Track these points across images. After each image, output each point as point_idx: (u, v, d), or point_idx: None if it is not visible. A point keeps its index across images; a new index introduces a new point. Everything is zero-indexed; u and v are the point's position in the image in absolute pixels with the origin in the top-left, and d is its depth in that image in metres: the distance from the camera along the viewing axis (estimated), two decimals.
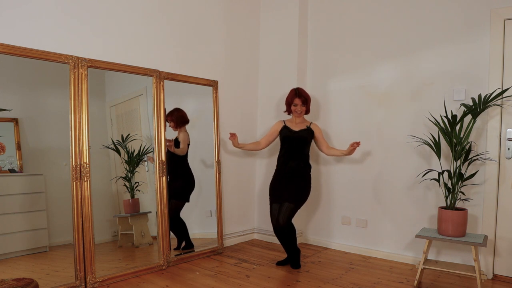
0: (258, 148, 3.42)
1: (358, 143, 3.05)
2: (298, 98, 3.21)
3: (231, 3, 3.83)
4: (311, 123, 3.30)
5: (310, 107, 3.36)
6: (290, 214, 3.10)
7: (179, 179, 3.39)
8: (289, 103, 3.26)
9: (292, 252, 3.17)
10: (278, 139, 3.35)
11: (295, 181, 3.12)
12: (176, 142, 3.31)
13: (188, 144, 3.38)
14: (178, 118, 3.33)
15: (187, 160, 3.40)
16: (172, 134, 3.32)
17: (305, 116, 3.40)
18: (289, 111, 3.29)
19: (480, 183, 2.98)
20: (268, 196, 3.25)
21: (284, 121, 3.32)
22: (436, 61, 3.19)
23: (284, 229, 3.09)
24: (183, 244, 3.37)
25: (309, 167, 3.23)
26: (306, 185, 3.19)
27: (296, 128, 3.24)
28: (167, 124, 3.25)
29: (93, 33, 2.82)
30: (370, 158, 3.55)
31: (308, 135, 3.22)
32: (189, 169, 3.42)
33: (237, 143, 3.31)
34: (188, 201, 3.41)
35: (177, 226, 3.35)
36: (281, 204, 3.12)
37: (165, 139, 3.15)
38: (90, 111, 2.67)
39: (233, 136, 3.31)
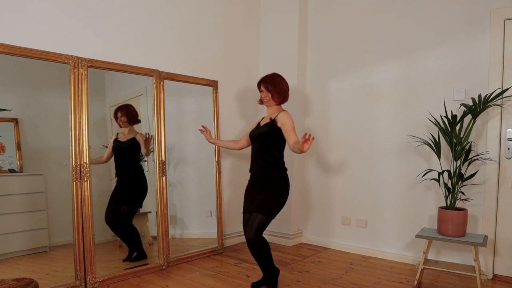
0: (235, 147, 2.96)
1: (309, 136, 2.27)
2: (262, 84, 2.68)
3: (231, 3, 3.83)
4: (278, 113, 2.64)
5: (290, 98, 2.81)
6: (259, 227, 2.52)
7: (130, 183, 3.10)
8: (259, 92, 2.75)
9: (267, 272, 2.64)
10: None
11: (262, 188, 2.57)
12: (134, 143, 3.05)
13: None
14: (132, 115, 3.05)
15: (139, 163, 3.15)
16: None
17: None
18: (261, 100, 2.77)
19: (480, 183, 2.98)
20: None
21: (264, 117, 2.81)
22: (436, 61, 3.19)
23: (253, 244, 2.53)
24: (135, 254, 3.06)
25: (280, 169, 2.60)
26: (275, 192, 2.56)
27: (263, 122, 2.72)
28: (117, 119, 3.01)
29: (93, 33, 2.82)
30: (370, 158, 3.55)
31: (270, 129, 2.58)
32: (142, 172, 3.15)
33: (210, 137, 2.96)
34: (141, 206, 3.16)
35: (129, 235, 3.08)
36: (249, 214, 2.57)
37: (146, 134, 3.02)
38: (90, 111, 2.67)
39: (205, 130, 2.93)
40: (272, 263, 2.64)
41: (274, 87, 2.66)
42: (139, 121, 3.13)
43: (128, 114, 3.04)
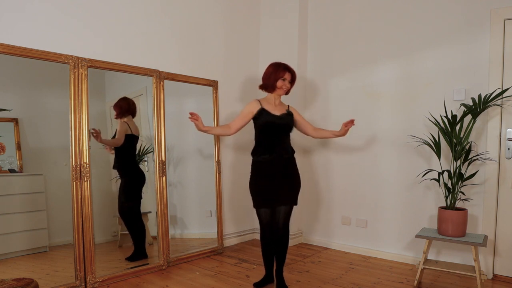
0: (228, 133, 2.75)
1: (352, 122, 2.77)
2: (288, 73, 2.69)
3: (231, 3, 3.83)
4: (288, 105, 2.83)
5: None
6: (290, 216, 2.68)
7: (124, 176, 3.10)
8: (275, 78, 2.66)
9: (278, 273, 2.67)
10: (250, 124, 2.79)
11: (287, 178, 2.64)
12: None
13: (132, 136, 3.06)
14: (119, 107, 3.04)
15: (130, 154, 3.11)
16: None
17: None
18: (274, 87, 2.68)
19: (480, 183, 2.98)
20: (252, 199, 2.68)
21: (259, 101, 2.72)
22: (436, 61, 3.19)
23: (284, 236, 2.64)
24: (132, 253, 3.07)
25: (294, 153, 2.75)
26: (299, 181, 2.73)
27: (276, 112, 2.67)
28: (113, 116, 3.03)
29: (93, 33, 2.82)
30: (370, 158, 3.54)
31: (292, 121, 2.74)
32: (134, 163, 3.15)
33: (202, 125, 2.62)
34: (141, 197, 3.17)
35: (133, 227, 3.10)
36: (274, 209, 2.63)
37: (91, 128, 2.82)
38: (90, 111, 2.67)
39: (195, 116, 2.59)
40: None
41: (295, 81, 2.78)
42: (130, 112, 3.09)
43: (116, 108, 3.04)
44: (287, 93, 2.79)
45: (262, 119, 2.63)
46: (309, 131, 2.85)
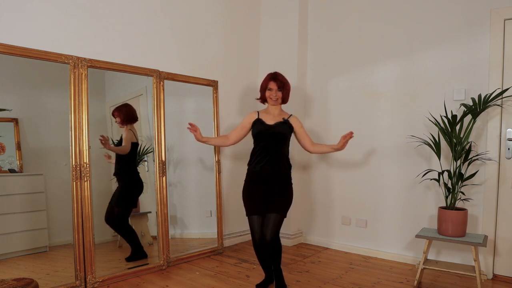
0: (226, 144, 2.85)
1: (351, 134, 2.64)
2: (273, 82, 2.68)
3: (231, 3, 3.83)
4: (290, 115, 2.77)
5: (291, 99, 2.80)
6: (279, 227, 2.58)
7: (122, 182, 3.07)
8: (263, 88, 2.72)
9: (276, 272, 2.66)
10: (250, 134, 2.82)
11: (278, 187, 2.61)
12: (121, 140, 3.05)
13: (135, 143, 3.09)
14: (125, 114, 3.03)
15: (131, 161, 3.11)
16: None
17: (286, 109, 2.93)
18: (263, 98, 2.75)
19: (480, 183, 2.98)
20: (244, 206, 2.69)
21: (258, 112, 2.77)
22: (436, 61, 3.19)
23: (271, 245, 2.55)
24: (130, 254, 3.06)
25: (290, 167, 2.72)
26: (290, 190, 2.68)
27: (271, 121, 2.69)
28: (113, 120, 3.01)
29: (93, 33, 2.82)
30: (370, 158, 3.55)
31: (286, 129, 2.68)
32: (134, 171, 3.14)
33: (200, 136, 2.74)
34: (135, 206, 3.17)
35: (125, 232, 3.09)
36: (264, 216, 2.58)
37: (101, 135, 2.86)
38: (90, 111, 2.67)
39: (194, 128, 2.71)
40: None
41: (285, 88, 2.71)
42: (135, 120, 3.10)
43: (120, 114, 3.02)
44: (283, 101, 2.75)
45: (254, 129, 2.70)
46: (307, 145, 2.77)
